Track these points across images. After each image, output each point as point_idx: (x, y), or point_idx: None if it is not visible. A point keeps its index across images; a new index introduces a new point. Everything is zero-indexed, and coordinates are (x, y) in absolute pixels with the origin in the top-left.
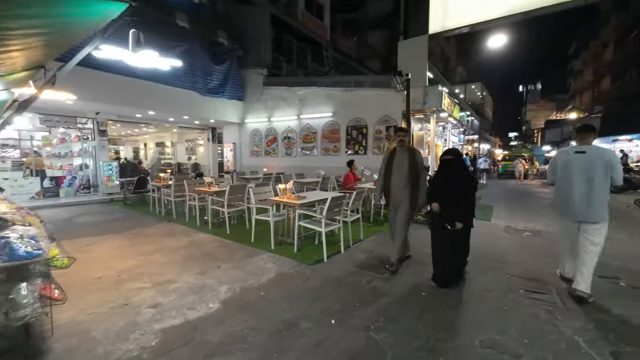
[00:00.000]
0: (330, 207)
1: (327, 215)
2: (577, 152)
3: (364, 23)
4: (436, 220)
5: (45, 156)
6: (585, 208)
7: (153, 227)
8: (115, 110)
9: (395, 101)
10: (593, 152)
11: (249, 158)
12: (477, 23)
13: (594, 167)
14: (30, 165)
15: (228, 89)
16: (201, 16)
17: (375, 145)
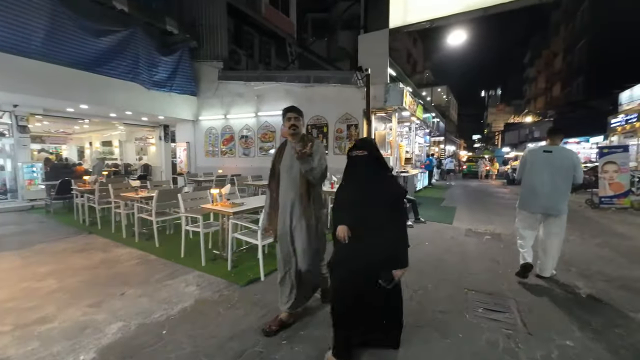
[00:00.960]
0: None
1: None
2: (545, 151)
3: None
4: (341, 259)
5: None
6: (549, 201)
7: (67, 240)
8: (39, 102)
9: (357, 98)
10: (559, 152)
11: (204, 158)
12: (437, 18)
13: (559, 166)
14: None
15: (177, 82)
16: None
17: (336, 145)
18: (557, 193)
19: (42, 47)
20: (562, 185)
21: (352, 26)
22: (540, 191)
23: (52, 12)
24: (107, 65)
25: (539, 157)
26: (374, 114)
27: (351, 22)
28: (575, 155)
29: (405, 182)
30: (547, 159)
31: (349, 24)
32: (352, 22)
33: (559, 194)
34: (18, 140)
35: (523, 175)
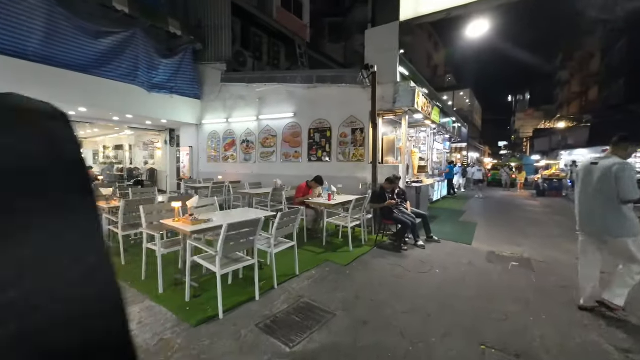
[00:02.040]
0: (229, 239)
1: (228, 250)
2: (592, 163)
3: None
4: None
5: None
6: (599, 222)
7: None
8: None
9: (362, 100)
10: (604, 162)
11: (206, 164)
12: (454, 7)
13: (601, 179)
14: None
15: (179, 85)
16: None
17: (340, 151)
18: (606, 211)
19: (40, 48)
20: (609, 202)
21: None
22: (588, 209)
23: (49, 13)
24: (106, 67)
25: (585, 171)
26: (382, 116)
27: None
28: (618, 166)
29: (418, 193)
30: (594, 171)
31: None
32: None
33: (609, 212)
34: None
35: (575, 191)
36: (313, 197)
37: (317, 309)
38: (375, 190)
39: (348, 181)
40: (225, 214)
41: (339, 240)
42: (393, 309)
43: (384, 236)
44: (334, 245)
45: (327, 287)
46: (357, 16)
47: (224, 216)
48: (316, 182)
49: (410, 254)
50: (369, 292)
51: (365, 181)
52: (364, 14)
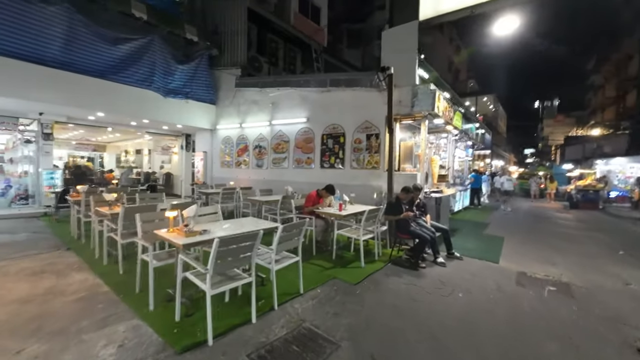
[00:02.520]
0: (223, 254)
1: (221, 266)
2: None
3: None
4: None
5: None
6: None
7: (37, 257)
8: (62, 110)
9: (378, 104)
10: None
11: (219, 169)
12: (478, 4)
13: None
14: None
15: (194, 90)
16: (166, 8)
17: (354, 158)
18: None
19: (60, 55)
20: None
21: None
22: None
23: (68, 20)
24: (123, 72)
25: None
26: (399, 121)
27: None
28: None
29: (438, 204)
30: None
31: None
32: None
33: None
34: (42, 147)
35: None
36: (323, 206)
37: (320, 338)
38: (391, 201)
39: (362, 190)
40: (226, 224)
41: (350, 254)
42: (407, 340)
43: (399, 251)
44: (344, 259)
45: (334, 309)
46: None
47: (224, 227)
48: (327, 190)
49: (428, 272)
50: (380, 316)
51: (380, 190)
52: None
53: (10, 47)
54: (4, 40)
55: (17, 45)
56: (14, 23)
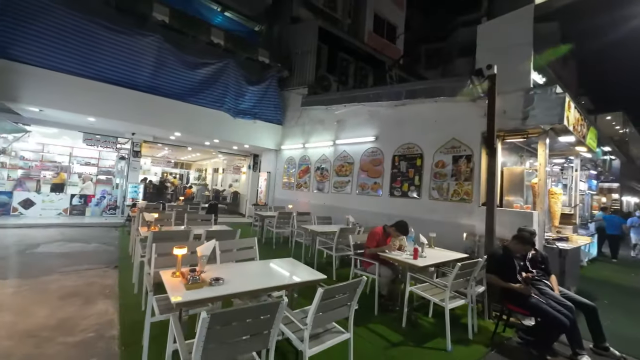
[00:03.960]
0: (218, 335)
1: (217, 353)
2: None
3: (451, 52)
4: None
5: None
6: None
7: (81, 274)
8: (149, 131)
9: (470, 117)
10: None
11: (281, 190)
12: None
13: None
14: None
15: (262, 111)
16: (244, 36)
17: (435, 186)
18: None
19: (148, 80)
20: None
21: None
22: None
23: (158, 49)
24: (199, 95)
25: None
26: (502, 139)
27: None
28: None
29: (563, 257)
30: None
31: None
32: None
33: None
34: (131, 163)
35: None
36: (392, 249)
37: None
38: (495, 252)
39: (445, 228)
40: (255, 267)
41: (429, 322)
42: None
43: (505, 327)
44: (421, 330)
45: None
46: (459, 39)
47: (248, 272)
48: (397, 229)
49: None
50: None
51: (472, 231)
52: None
53: (111, 75)
54: (106, 69)
55: (116, 73)
56: (115, 54)
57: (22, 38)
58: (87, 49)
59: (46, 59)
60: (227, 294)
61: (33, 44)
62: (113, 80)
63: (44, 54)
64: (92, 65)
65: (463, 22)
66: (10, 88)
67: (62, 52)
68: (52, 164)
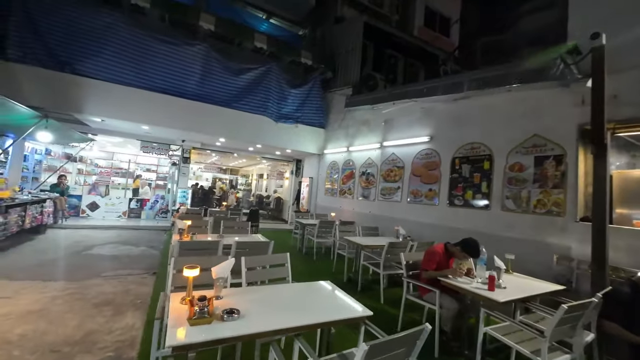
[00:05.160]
0: None
1: None
2: None
3: (513, 44)
4: None
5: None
6: None
7: (121, 280)
8: (198, 137)
9: (560, 106)
10: None
11: (323, 196)
12: None
13: None
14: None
15: (305, 114)
16: (288, 40)
17: (509, 194)
18: None
19: (196, 88)
20: None
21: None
22: None
23: (205, 57)
24: (242, 100)
25: None
26: (611, 133)
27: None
28: None
29: None
30: None
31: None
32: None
33: None
34: (181, 169)
35: None
36: (456, 274)
37: None
38: (621, 291)
39: (526, 249)
40: (285, 293)
41: None
42: None
43: None
44: None
45: None
46: (522, 29)
47: (273, 306)
48: (464, 248)
49: None
50: None
51: (566, 254)
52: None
53: (162, 84)
54: (158, 78)
55: (166, 82)
56: (165, 64)
57: (88, 55)
58: (142, 61)
59: (106, 72)
60: (240, 335)
61: (96, 59)
62: (163, 89)
63: (104, 67)
64: (145, 76)
65: (527, 10)
66: (77, 100)
67: (121, 65)
68: (120, 170)
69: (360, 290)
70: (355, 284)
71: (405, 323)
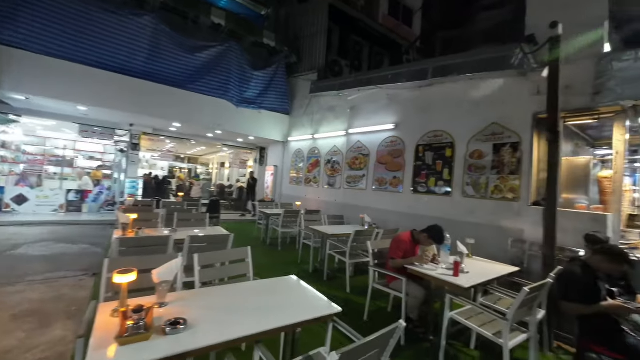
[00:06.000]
0: None
1: None
2: None
3: (470, 39)
4: None
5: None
6: None
7: (51, 284)
8: (145, 121)
9: (518, 95)
10: None
11: (288, 186)
12: None
13: None
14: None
15: (269, 99)
16: (250, 18)
17: (469, 180)
18: None
19: (144, 65)
20: None
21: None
22: None
23: (154, 31)
24: (200, 81)
25: None
26: (564, 121)
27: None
28: None
29: (634, 268)
30: None
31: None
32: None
33: None
34: (130, 157)
35: None
36: (422, 261)
37: None
38: (574, 272)
39: (485, 233)
40: (240, 302)
41: (473, 355)
42: None
43: None
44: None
45: None
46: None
47: (230, 311)
48: (430, 235)
49: None
50: None
51: (520, 237)
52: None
53: (103, 59)
54: (98, 53)
55: (108, 58)
56: (107, 36)
57: (6, 19)
58: (76, 31)
59: (33, 42)
60: (184, 351)
61: (18, 25)
62: (105, 65)
63: (31, 36)
64: (82, 49)
65: (484, 5)
66: None
67: (52, 34)
68: (55, 158)
69: (326, 280)
70: (321, 274)
71: (371, 312)
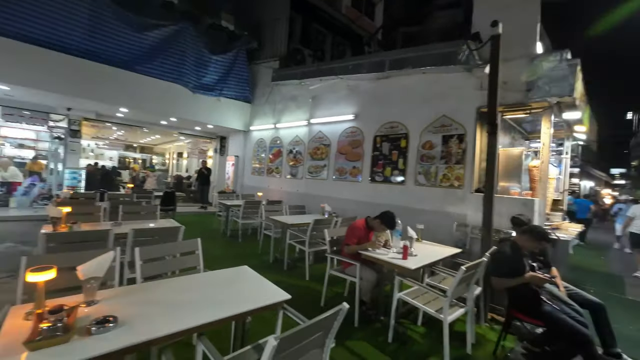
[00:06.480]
0: None
1: None
2: None
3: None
4: None
5: None
6: None
7: None
8: (86, 105)
9: (464, 89)
10: None
11: (250, 176)
12: None
13: None
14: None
15: (229, 86)
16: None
17: (421, 170)
18: None
19: (83, 42)
20: None
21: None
22: None
23: (94, 3)
24: (150, 63)
25: None
26: (502, 115)
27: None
28: None
29: (554, 247)
30: None
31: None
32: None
33: None
34: (68, 145)
35: None
36: (375, 246)
37: None
38: (504, 251)
39: (434, 219)
40: (186, 295)
41: (418, 332)
42: None
43: (506, 335)
44: (412, 348)
45: None
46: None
47: (174, 304)
48: (383, 221)
49: None
50: None
51: (463, 221)
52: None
53: (30, 32)
54: (23, 24)
55: (37, 30)
56: (35, 5)
57: None
58: None
59: None
60: (110, 351)
61: None
62: (33, 38)
63: None
64: (4, 18)
65: (439, 5)
66: None
67: None
68: None
69: (286, 269)
70: (281, 264)
71: (328, 298)
